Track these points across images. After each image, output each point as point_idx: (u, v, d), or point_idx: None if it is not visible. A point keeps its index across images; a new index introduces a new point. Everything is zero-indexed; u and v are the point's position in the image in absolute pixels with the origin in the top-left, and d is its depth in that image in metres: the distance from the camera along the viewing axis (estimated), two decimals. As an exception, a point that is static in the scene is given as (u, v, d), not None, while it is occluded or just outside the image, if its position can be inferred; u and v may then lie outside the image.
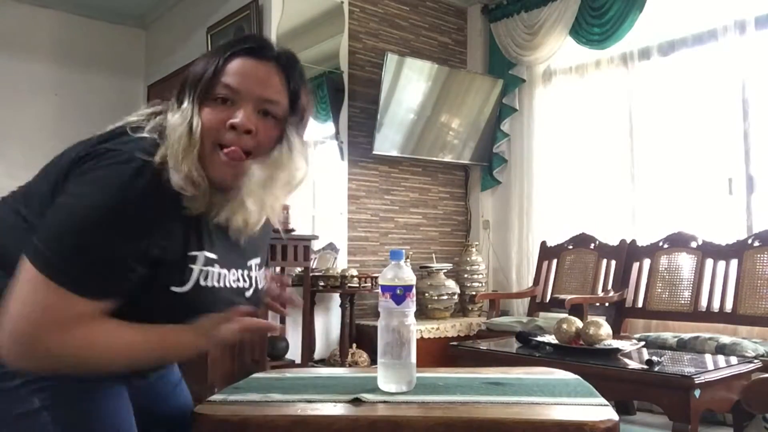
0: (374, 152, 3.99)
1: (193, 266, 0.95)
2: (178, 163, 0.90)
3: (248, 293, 1.08)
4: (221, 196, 0.98)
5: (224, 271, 1.01)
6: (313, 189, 3.87)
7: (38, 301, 0.84)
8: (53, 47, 4.61)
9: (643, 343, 2.73)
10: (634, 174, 3.76)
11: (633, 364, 2.35)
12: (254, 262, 1.11)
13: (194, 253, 0.96)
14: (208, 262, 0.97)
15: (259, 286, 1.13)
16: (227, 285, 1.02)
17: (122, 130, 0.96)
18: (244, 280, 1.06)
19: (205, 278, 0.97)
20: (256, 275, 1.11)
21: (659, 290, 3.43)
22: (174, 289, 0.94)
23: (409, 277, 1.07)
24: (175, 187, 0.89)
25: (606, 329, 2.50)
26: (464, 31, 4.79)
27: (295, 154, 1.00)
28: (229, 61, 0.97)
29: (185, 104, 0.96)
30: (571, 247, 3.92)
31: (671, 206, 3.60)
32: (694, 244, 3.37)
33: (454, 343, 3.13)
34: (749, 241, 3.17)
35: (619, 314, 3.51)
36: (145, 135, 0.94)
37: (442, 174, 4.58)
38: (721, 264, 3.24)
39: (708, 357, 2.61)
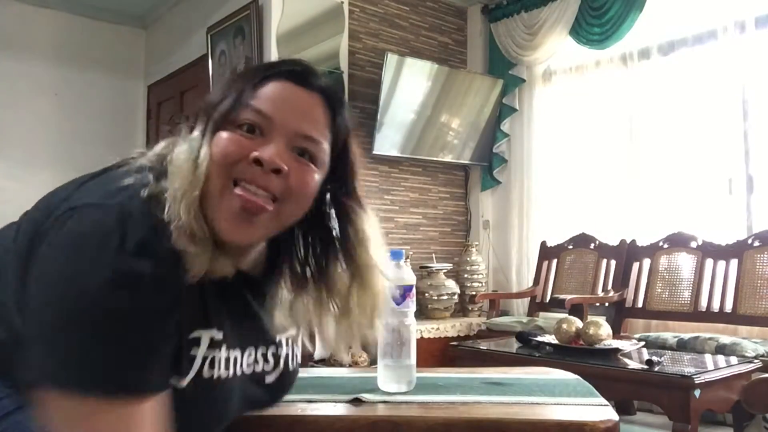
0: (374, 152, 3.98)
1: (194, 352, 0.73)
2: (177, 207, 0.67)
3: (270, 378, 0.85)
4: (232, 253, 0.76)
5: (235, 353, 0.79)
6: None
7: None
8: (53, 47, 4.61)
9: (643, 343, 2.73)
10: (634, 174, 3.75)
11: (633, 364, 2.35)
12: (287, 335, 0.89)
13: (197, 333, 0.73)
14: (214, 344, 0.75)
15: (291, 367, 0.89)
16: (239, 372, 0.79)
17: (107, 169, 0.76)
18: (266, 361, 0.84)
19: (211, 366, 0.74)
20: (289, 352, 0.88)
21: (659, 290, 3.43)
22: (173, 380, 0.70)
23: (409, 277, 1.07)
24: (176, 244, 0.66)
25: (606, 329, 2.50)
26: (464, 31, 4.79)
27: (365, 241, 0.79)
28: (265, 82, 0.77)
29: (196, 133, 0.75)
30: (571, 247, 3.92)
31: (671, 206, 3.59)
32: (694, 244, 3.37)
33: (454, 343, 3.14)
34: (749, 241, 3.17)
35: (619, 314, 3.51)
36: (131, 177, 0.71)
37: (442, 174, 4.58)
38: (721, 264, 3.24)
39: (708, 357, 2.61)
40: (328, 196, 0.83)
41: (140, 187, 0.68)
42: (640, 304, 3.49)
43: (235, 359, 0.78)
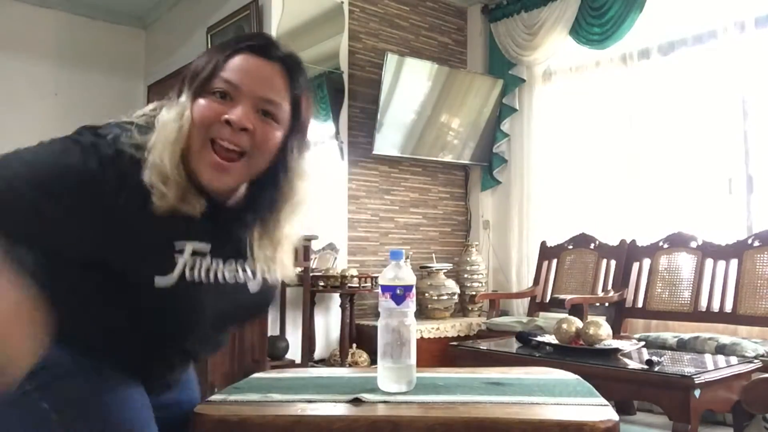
0: (374, 152, 3.99)
1: (178, 257, 0.89)
2: (157, 154, 0.86)
3: (253, 287, 1.01)
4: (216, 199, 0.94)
5: (217, 263, 0.95)
6: (313, 189, 3.86)
7: None
8: (53, 47, 4.61)
9: (643, 343, 2.72)
10: (634, 174, 3.76)
11: (633, 364, 2.35)
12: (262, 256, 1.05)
13: (182, 243, 0.90)
14: (198, 253, 0.92)
15: (270, 281, 1.04)
16: (221, 279, 0.95)
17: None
18: (245, 272, 1.00)
19: (193, 271, 0.91)
20: (265, 268, 1.03)
21: (659, 290, 3.43)
22: (158, 280, 0.87)
23: (409, 277, 1.07)
24: (146, 181, 0.85)
25: (606, 329, 2.50)
26: (464, 31, 4.79)
27: (296, 176, 0.99)
28: (233, 56, 0.93)
29: (183, 98, 0.92)
30: (571, 247, 3.91)
31: (671, 206, 3.59)
32: (694, 244, 3.37)
33: (454, 343, 3.13)
34: (749, 241, 3.17)
35: (619, 314, 3.51)
36: (125, 125, 0.91)
37: (442, 174, 4.58)
38: (721, 264, 3.24)
39: (708, 357, 2.60)
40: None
41: (121, 135, 0.87)
42: (640, 304, 3.48)
43: (216, 268, 0.94)
